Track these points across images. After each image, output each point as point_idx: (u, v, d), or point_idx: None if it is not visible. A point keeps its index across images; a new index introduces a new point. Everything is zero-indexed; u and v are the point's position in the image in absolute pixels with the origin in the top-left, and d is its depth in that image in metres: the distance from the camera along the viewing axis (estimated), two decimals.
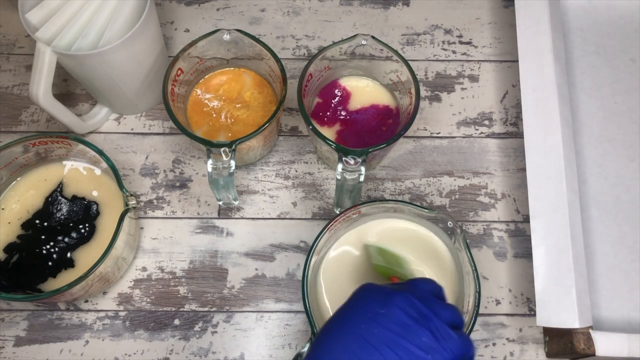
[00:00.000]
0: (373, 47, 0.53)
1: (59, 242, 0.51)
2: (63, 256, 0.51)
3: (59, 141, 0.51)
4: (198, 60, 0.55)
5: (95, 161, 0.53)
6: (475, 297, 0.45)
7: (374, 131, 0.56)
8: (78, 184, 0.54)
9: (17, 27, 0.65)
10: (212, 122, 0.56)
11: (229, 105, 0.57)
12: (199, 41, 0.53)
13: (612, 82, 0.62)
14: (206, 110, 0.57)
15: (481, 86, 0.64)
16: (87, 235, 0.52)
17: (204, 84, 0.58)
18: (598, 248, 0.55)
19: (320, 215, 0.58)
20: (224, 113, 0.56)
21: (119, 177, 0.49)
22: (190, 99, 0.57)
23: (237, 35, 0.54)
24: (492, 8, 0.68)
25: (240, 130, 0.56)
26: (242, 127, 0.56)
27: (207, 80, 0.58)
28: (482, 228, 0.58)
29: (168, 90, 0.52)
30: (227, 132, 0.56)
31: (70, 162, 0.54)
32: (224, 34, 0.53)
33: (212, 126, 0.56)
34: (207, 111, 0.57)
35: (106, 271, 0.49)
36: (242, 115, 0.56)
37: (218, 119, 0.56)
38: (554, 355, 0.53)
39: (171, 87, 0.53)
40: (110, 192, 0.53)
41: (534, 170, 0.53)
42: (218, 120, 0.56)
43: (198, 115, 0.57)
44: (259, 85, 0.58)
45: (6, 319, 0.54)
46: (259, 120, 0.56)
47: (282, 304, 0.55)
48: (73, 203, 0.53)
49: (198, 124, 0.56)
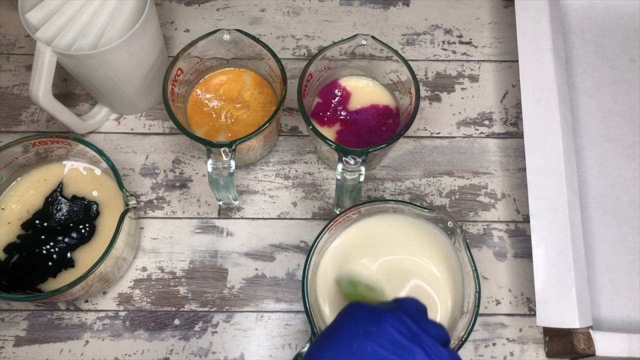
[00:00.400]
0: (373, 47, 0.53)
1: (59, 242, 0.51)
2: (63, 256, 0.51)
3: (59, 141, 0.51)
4: (198, 60, 0.55)
5: (96, 161, 0.53)
6: (475, 297, 0.45)
7: (374, 131, 0.56)
8: (78, 184, 0.54)
9: (17, 27, 0.65)
10: (212, 122, 0.56)
11: (229, 105, 0.57)
12: (199, 41, 0.53)
13: (612, 82, 0.62)
14: (206, 110, 0.57)
15: (481, 86, 0.64)
16: (87, 236, 0.52)
17: (204, 84, 0.58)
18: (598, 248, 0.55)
19: (320, 215, 0.58)
20: (224, 113, 0.56)
21: (119, 177, 0.49)
22: (190, 99, 0.57)
23: (237, 35, 0.54)
24: (492, 8, 0.68)
25: (240, 130, 0.56)
26: (242, 127, 0.56)
27: (207, 80, 0.58)
28: (482, 228, 0.58)
29: (168, 90, 0.52)
30: (227, 132, 0.56)
31: (70, 162, 0.54)
32: (224, 34, 0.53)
33: (212, 126, 0.56)
34: (207, 111, 0.57)
35: (106, 271, 0.49)
36: (242, 116, 0.56)
37: (218, 119, 0.56)
38: (554, 355, 0.53)
39: (171, 87, 0.53)
40: (111, 192, 0.53)
41: (534, 170, 0.53)
42: (218, 121, 0.56)
43: (198, 115, 0.57)
44: (259, 85, 0.58)
45: (6, 319, 0.54)
46: (259, 120, 0.56)
47: (282, 304, 0.55)
48: (73, 203, 0.53)
49: (198, 124, 0.56)
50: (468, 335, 0.44)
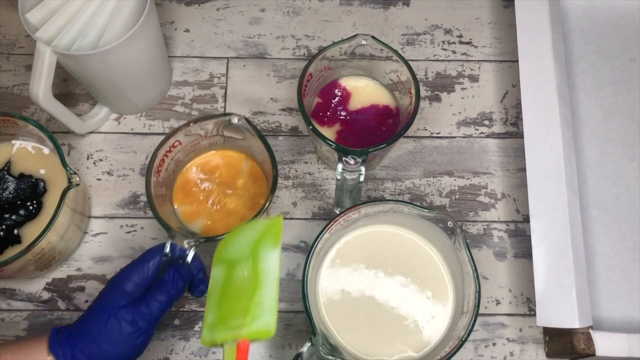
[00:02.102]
0: (373, 47, 0.53)
1: (6, 220, 0.52)
2: (10, 233, 0.51)
3: (5, 120, 0.51)
4: (200, 136, 0.52)
5: (44, 140, 0.53)
6: (475, 297, 0.45)
7: (374, 131, 0.56)
8: (26, 162, 0.54)
9: (17, 27, 0.65)
10: (197, 203, 0.53)
11: (220, 189, 0.54)
12: (205, 120, 0.51)
13: (612, 82, 0.62)
14: (195, 190, 0.54)
15: (481, 86, 0.64)
16: (34, 212, 0.52)
17: (199, 161, 0.55)
18: (598, 248, 0.55)
19: (320, 215, 0.58)
20: (212, 197, 0.53)
21: (62, 153, 0.50)
22: (182, 175, 0.54)
23: (243, 123, 0.50)
24: (492, 8, 0.68)
25: (221, 220, 0.53)
26: (225, 217, 0.53)
27: (204, 159, 0.55)
28: (482, 228, 0.58)
29: (156, 162, 0.49)
30: (207, 219, 0.53)
31: (19, 141, 0.55)
32: (235, 118, 0.50)
33: (195, 208, 0.53)
34: (195, 192, 0.54)
35: (51, 247, 0.50)
36: (230, 205, 0.53)
37: (204, 202, 0.53)
38: (554, 355, 0.53)
39: (162, 157, 0.50)
40: (58, 170, 0.53)
41: (534, 170, 0.53)
42: (203, 204, 0.53)
43: (184, 192, 0.54)
44: (254, 175, 0.55)
45: (6, 319, 0.54)
46: (245, 213, 0.53)
47: (282, 304, 0.55)
48: (20, 181, 0.53)
49: (181, 200, 0.54)
50: (468, 335, 0.44)
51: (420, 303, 0.49)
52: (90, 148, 0.60)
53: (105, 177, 0.59)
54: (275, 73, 0.64)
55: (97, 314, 0.43)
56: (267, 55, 0.65)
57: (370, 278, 0.50)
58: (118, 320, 0.42)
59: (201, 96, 0.63)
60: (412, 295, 0.50)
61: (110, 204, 0.58)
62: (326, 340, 0.44)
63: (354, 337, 0.48)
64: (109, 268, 0.56)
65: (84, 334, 0.42)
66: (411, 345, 0.48)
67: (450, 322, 0.49)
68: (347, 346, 0.48)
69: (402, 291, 0.50)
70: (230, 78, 0.64)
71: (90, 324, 0.42)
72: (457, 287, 0.49)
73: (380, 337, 0.48)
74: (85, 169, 0.60)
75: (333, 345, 0.45)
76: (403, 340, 0.48)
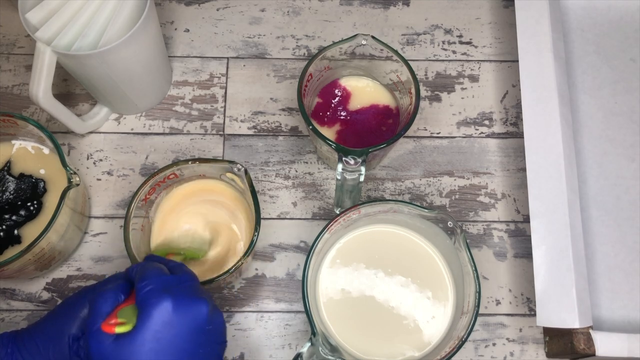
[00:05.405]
0: (373, 47, 0.53)
1: (6, 220, 0.52)
2: (10, 233, 0.51)
3: (4, 120, 0.51)
4: (199, 175, 0.52)
5: (44, 140, 0.53)
6: (475, 297, 0.45)
7: (374, 131, 0.56)
8: (26, 162, 0.54)
9: (17, 27, 0.65)
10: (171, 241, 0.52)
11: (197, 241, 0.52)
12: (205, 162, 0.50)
13: (612, 82, 0.62)
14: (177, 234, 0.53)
15: (481, 86, 0.64)
16: (34, 213, 0.52)
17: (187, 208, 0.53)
18: (598, 248, 0.55)
19: (320, 215, 0.58)
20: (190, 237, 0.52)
21: (62, 153, 0.50)
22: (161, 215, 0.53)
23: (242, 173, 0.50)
24: (492, 8, 0.68)
25: (189, 264, 0.50)
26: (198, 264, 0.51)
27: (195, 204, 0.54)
28: (482, 228, 0.58)
29: (141, 193, 0.49)
30: (177, 257, 0.50)
31: (19, 141, 0.55)
32: (237, 168, 0.50)
33: (169, 242, 0.52)
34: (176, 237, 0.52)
35: (51, 247, 0.50)
36: (209, 253, 0.52)
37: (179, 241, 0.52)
38: (554, 355, 0.53)
39: (150, 189, 0.50)
40: (58, 170, 0.53)
41: (534, 170, 0.53)
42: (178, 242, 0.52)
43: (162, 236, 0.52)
44: (248, 231, 0.53)
45: (6, 319, 0.54)
46: (221, 262, 0.52)
47: (282, 304, 0.55)
48: (20, 181, 0.53)
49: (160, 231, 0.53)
50: (468, 335, 0.44)
51: (420, 303, 0.49)
52: (90, 148, 0.60)
53: (105, 177, 0.59)
54: (275, 73, 0.64)
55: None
56: (267, 55, 0.65)
57: (370, 278, 0.50)
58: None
59: (201, 96, 0.63)
60: (412, 295, 0.50)
61: (110, 204, 0.59)
62: (326, 340, 0.44)
63: (354, 337, 0.48)
64: (109, 268, 0.56)
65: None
66: (411, 345, 0.48)
67: (450, 322, 0.49)
68: (347, 346, 0.48)
69: (402, 291, 0.50)
70: (230, 78, 0.64)
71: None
72: (457, 287, 0.49)
73: (380, 337, 0.48)
74: (85, 169, 0.60)
75: (333, 345, 0.45)
76: (403, 340, 0.48)
